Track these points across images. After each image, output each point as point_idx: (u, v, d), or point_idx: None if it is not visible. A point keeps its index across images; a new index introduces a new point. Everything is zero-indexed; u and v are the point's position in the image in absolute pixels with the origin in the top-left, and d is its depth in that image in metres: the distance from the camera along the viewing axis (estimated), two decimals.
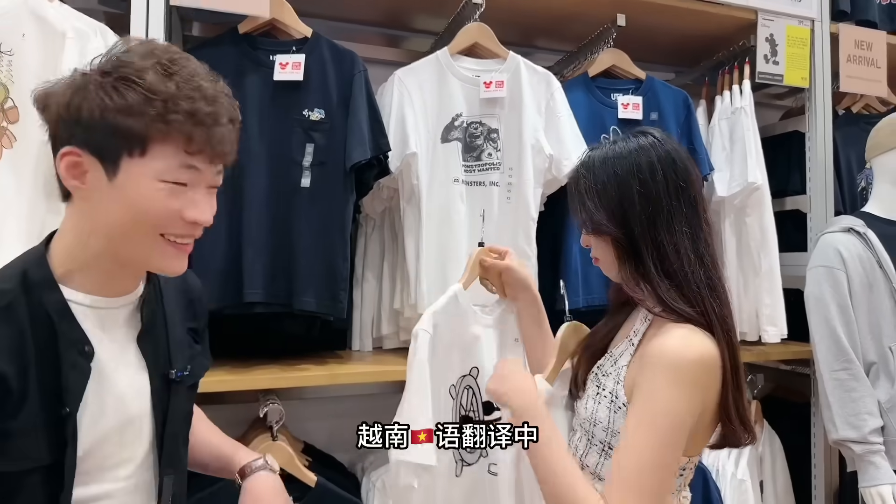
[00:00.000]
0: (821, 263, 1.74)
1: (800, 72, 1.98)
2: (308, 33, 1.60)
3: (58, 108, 0.78)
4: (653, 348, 0.98)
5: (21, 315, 0.78)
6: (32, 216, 1.35)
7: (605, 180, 1.04)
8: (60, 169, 0.79)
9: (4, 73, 1.35)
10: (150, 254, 0.83)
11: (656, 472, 0.96)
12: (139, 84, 0.76)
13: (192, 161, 0.80)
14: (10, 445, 0.75)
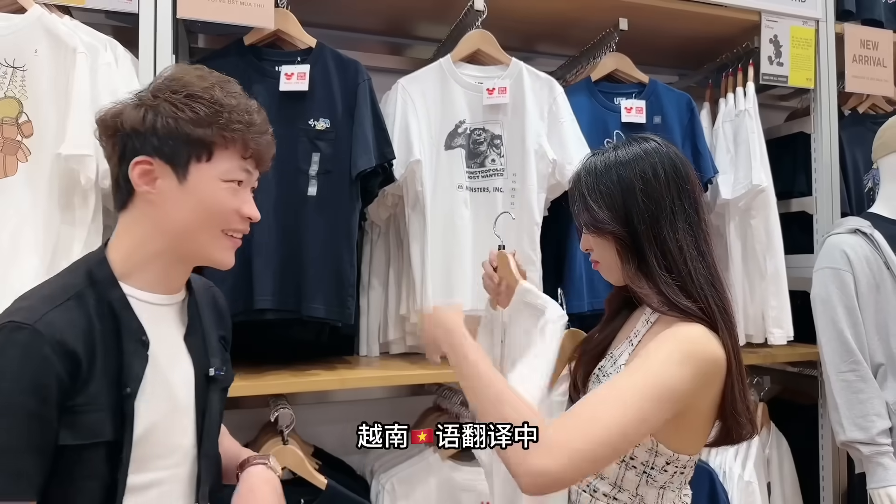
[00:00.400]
0: (827, 265, 1.73)
1: (804, 72, 1.98)
2: (312, 43, 1.62)
3: (132, 123, 0.89)
4: (665, 332, 0.99)
5: (89, 305, 0.87)
6: (48, 228, 1.38)
7: (607, 180, 1.06)
8: (133, 176, 0.90)
9: (18, 88, 1.39)
10: (211, 247, 0.95)
11: (615, 421, 0.91)
12: (207, 99, 0.90)
13: (246, 164, 0.94)
14: (78, 420, 0.83)
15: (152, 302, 0.94)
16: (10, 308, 0.86)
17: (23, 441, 0.79)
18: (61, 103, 1.39)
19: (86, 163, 1.36)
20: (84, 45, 1.39)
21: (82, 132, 1.35)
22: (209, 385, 1.00)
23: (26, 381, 0.79)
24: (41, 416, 0.80)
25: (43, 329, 0.81)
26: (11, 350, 0.80)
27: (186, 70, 0.94)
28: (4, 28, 1.39)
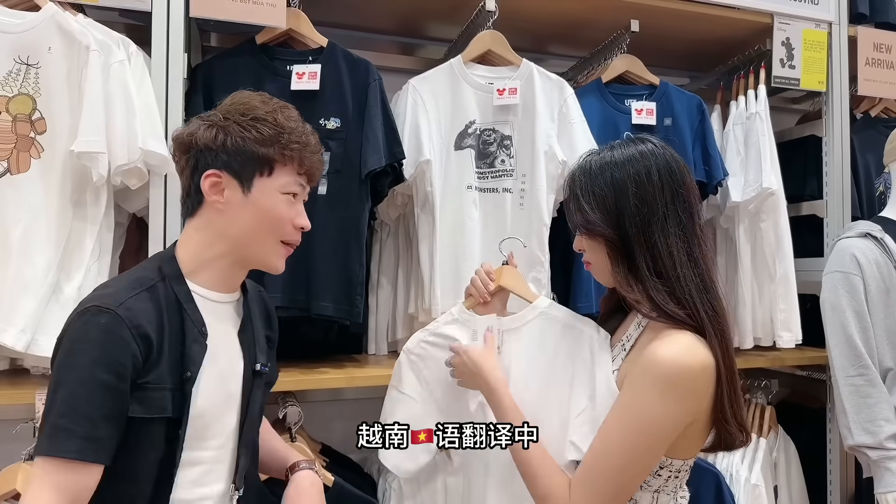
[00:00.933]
0: (837, 269, 1.72)
1: (817, 75, 1.97)
2: (324, 43, 1.63)
3: (205, 141, 1.02)
4: (648, 353, 1.00)
5: (160, 296, 0.99)
6: (61, 224, 1.39)
7: (601, 181, 1.07)
8: (205, 187, 1.02)
9: (32, 85, 1.40)
10: (268, 253, 1.07)
11: (622, 475, 1.00)
12: (271, 123, 1.03)
13: (301, 179, 1.07)
14: (146, 396, 0.95)
15: (212, 299, 1.05)
16: (94, 294, 0.98)
17: (99, 411, 0.89)
18: (74, 100, 1.40)
19: (98, 160, 1.36)
20: (97, 43, 1.40)
21: (94, 129, 1.36)
22: (255, 379, 1.10)
23: (106, 358, 0.90)
24: (117, 389, 0.91)
25: (122, 314, 0.92)
26: (94, 331, 0.91)
27: (251, 96, 1.06)
28: (18, 25, 1.40)
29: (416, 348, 1.29)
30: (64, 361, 0.92)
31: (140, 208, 1.55)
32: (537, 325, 1.21)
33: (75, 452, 0.88)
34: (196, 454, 1.01)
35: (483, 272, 1.27)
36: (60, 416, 0.89)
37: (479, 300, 1.26)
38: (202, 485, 1.03)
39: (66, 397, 0.89)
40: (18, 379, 1.51)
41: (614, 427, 1.00)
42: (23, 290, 1.35)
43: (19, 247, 1.36)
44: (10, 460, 1.38)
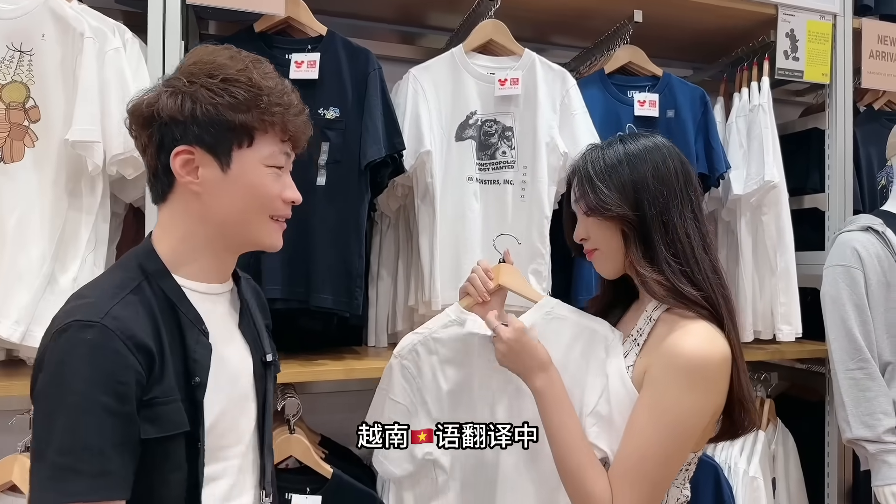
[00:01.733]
0: (838, 262, 1.72)
1: (820, 68, 1.95)
2: (323, 31, 1.60)
3: (170, 112, 0.86)
4: (669, 347, 1.00)
5: (149, 298, 0.86)
6: (56, 214, 1.38)
7: (617, 164, 1.06)
8: (175, 167, 0.87)
9: (25, 72, 1.38)
10: (260, 232, 0.93)
11: (660, 473, 1.00)
12: (245, 83, 0.87)
13: (285, 147, 0.92)
14: (157, 412, 0.82)
15: (204, 291, 0.93)
16: (68, 308, 0.83)
17: (106, 440, 0.76)
18: (69, 88, 1.38)
19: (93, 149, 1.35)
20: (91, 30, 1.38)
21: (89, 117, 1.35)
22: (266, 371, 1.01)
23: (102, 377, 0.77)
24: (121, 412, 0.78)
25: (111, 324, 0.79)
26: (81, 349, 0.77)
27: (216, 52, 0.90)
28: (11, 11, 1.37)
29: (409, 354, 1.22)
30: (51, 389, 0.77)
31: (136, 198, 1.54)
32: (545, 326, 1.16)
33: (87, 493, 0.74)
34: (218, 467, 0.90)
35: (481, 270, 1.20)
36: (61, 454, 0.75)
37: (477, 300, 1.20)
38: (231, 498, 0.92)
39: (64, 430, 0.75)
40: (14, 370, 1.50)
41: (645, 426, 0.99)
42: (17, 280, 1.33)
43: (13, 237, 1.34)
44: (5, 452, 1.38)
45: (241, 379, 0.96)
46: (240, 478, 0.95)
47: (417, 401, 1.21)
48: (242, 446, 0.96)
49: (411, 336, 1.24)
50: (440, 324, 1.22)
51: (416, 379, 1.21)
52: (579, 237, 1.12)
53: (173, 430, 0.83)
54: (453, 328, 1.21)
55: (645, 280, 1.05)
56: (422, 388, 1.21)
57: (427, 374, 1.21)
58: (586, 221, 1.10)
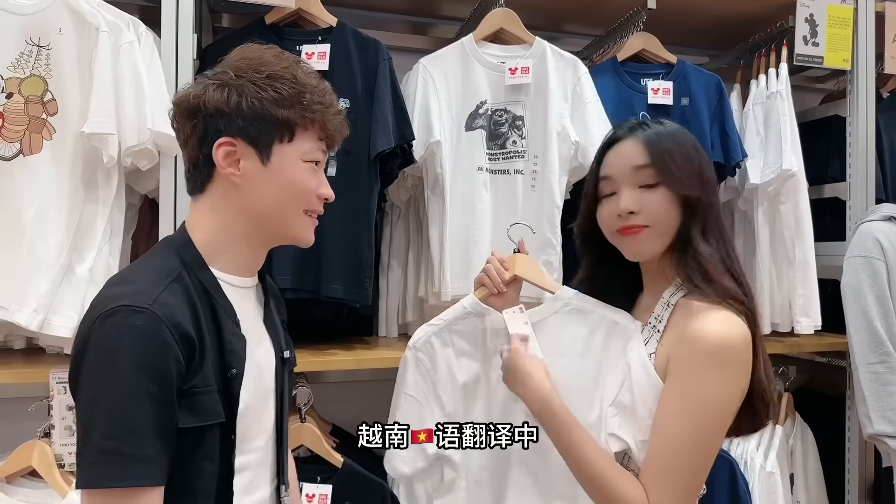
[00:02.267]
0: (859, 253, 1.70)
1: (841, 53, 1.91)
2: (333, 22, 1.61)
3: (216, 104, 0.88)
4: (692, 334, 0.98)
5: (190, 287, 0.87)
6: (73, 205, 1.41)
7: (683, 139, 1.07)
8: (218, 157, 0.89)
9: (43, 66, 1.41)
10: (295, 227, 0.96)
11: (698, 464, 0.98)
12: (290, 80, 0.90)
13: (322, 145, 0.95)
14: (195, 402, 0.83)
15: (237, 285, 0.95)
16: (112, 292, 0.83)
17: (149, 426, 0.77)
18: (85, 82, 1.40)
19: (108, 141, 1.37)
20: (107, 24, 1.40)
21: (104, 110, 1.37)
22: (284, 367, 1.02)
23: (148, 364, 0.78)
24: (164, 400, 0.79)
25: (159, 312, 0.80)
26: (130, 335, 0.78)
27: (262, 49, 0.93)
28: (29, 7, 1.40)
29: (424, 346, 1.21)
30: (96, 373, 0.78)
31: (151, 189, 1.56)
32: (564, 317, 1.15)
33: (136, 479, 0.76)
34: (243, 459, 0.91)
35: (496, 261, 1.19)
36: (107, 438, 0.76)
37: (492, 291, 1.18)
38: (249, 492, 0.93)
39: (109, 414, 0.76)
40: (34, 358, 1.54)
41: (676, 417, 0.97)
42: (35, 270, 1.36)
43: (32, 228, 1.37)
44: (25, 438, 1.41)
45: (265, 373, 0.98)
46: (259, 471, 0.96)
47: (430, 395, 1.20)
48: (263, 440, 0.97)
49: (426, 328, 1.22)
50: (455, 315, 1.21)
51: (430, 372, 1.20)
52: (628, 209, 1.04)
53: (210, 420, 0.84)
54: (470, 319, 1.20)
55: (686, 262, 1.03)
56: (436, 382, 1.20)
57: (442, 367, 1.20)
58: (642, 195, 1.04)
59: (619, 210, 1.04)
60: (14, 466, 1.39)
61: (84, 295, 1.39)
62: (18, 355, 1.58)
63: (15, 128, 1.39)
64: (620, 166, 1.06)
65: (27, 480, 1.42)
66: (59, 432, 1.39)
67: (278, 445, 1.01)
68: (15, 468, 1.39)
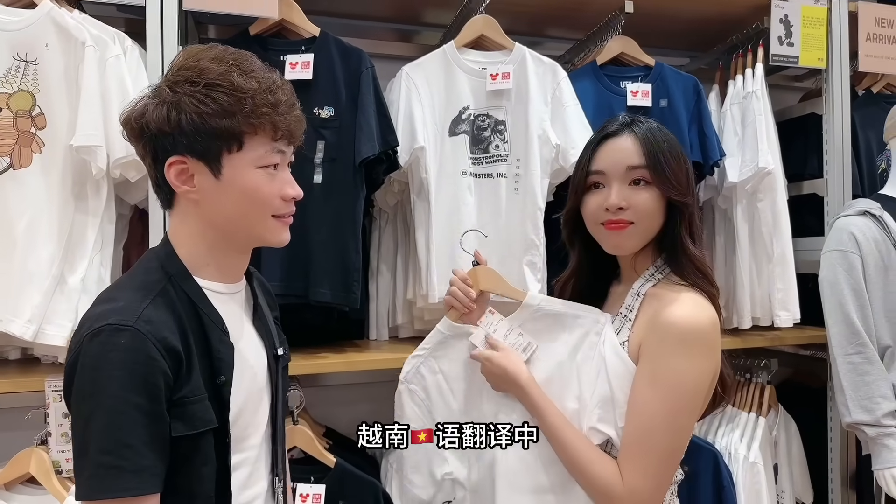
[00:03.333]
0: (835, 247, 1.72)
1: (816, 52, 1.94)
2: (316, 32, 1.64)
3: (158, 124, 0.87)
4: (663, 319, 1.02)
5: (174, 300, 0.89)
6: (63, 216, 1.43)
7: (674, 142, 1.11)
8: (170, 177, 0.89)
9: (31, 81, 1.43)
10: (264, 232, 0.95)
11: (671, 444, 1.02)
12: (227, 87, 0.86)
13: (278, 146, 0.92)
14: (186, 411, 0.85)
15: (222, 291, 0.96)
16: (99, 310, 0.85)
17: (141, 438, 0.80)
18: (72, 95, 1.43)
19: (96, 153, 1.40)
20: (92, 39, 1.42)
21: (92, 123, 1.40)
22: (277, 364, 1.05)
23: (136, 380, 0.80)
24: (154, 412, 0.82)
25: (143, 328, 0.82)
26: (116, 353, 0.80)
27: (201, 53, 0.90)
28: (16, 23, 1.43)
29: (414, 377, 1.22)
30: (87, 391, 0.81)
31: (141, 200, 1.58)
32: (535, 323, 1.16)
33: (131, 489, 0.79)
34: (240, 457, 0.95)
35: (459, 281, 1.20)
36: (102, 453, 0.79)
37: (462, 311, 1.20)
38: (248, 487, 0.97)
39: (102, 430, 0.80)
40: (30, 367, 1.56)
41: (650, 399, 1.00)
42: (28, 281, 1.39)
43: (24, 240, 1.40)
44: (22, 446, 1.44)
45: (257, 374, 1.00)
46: (256, 466, 0.99)
47: (429, 423, 1.20)
48: (259, 437, 1.00)
49: (412, 359, 1.24)
50: (435, 341, 1.22)
51: (425, 402, 1.21)
52: (617, 206, 1.06)
53: (202, 428, 0.86)
54: (449, 342, 1.21)
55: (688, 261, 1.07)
56: (432, 409, 1.21)
57: (434, 394, 1.21)
58: (632, 192, 1.07)
59: (607, 204, 1.07)
60: (13, 473, 1.42)
61: (76, 304, 1.42)
62: (14, 365, 1.60)
63: (5, 142, 1.42)
64: (613, 162, 1.08)
65: (25, 487, 1.45)
66: (55, 439, 1.42)
67: (273, 440, 1.04)
68: (13, 475, 1.42)
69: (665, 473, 1.03)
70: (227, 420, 0.91)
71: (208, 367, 0.89)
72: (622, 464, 1.01)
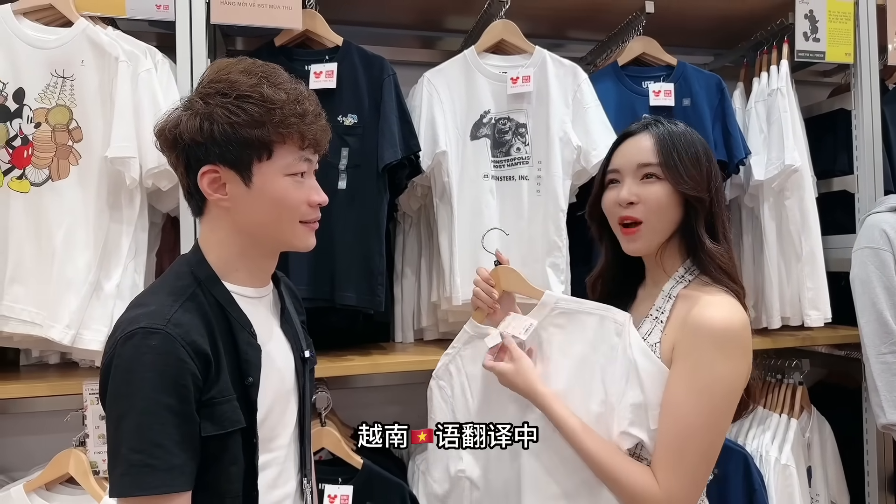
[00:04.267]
0: (866, 245, 1.69)
1: (843, 48, 1.91)
2: (339, 42, 1.67)
3: (191, 134, 0.91)
4: (697, 320, 1.02)
5: (204, 304, 0.93)
6: (99, 226, 1.48)
7: (694, 142, 1.11)
8: (203, 186, 0.93)
9: (68, 96, 1.49)
10: (292, 237, 0.98)
11: (708, 446, 1.01)
12: (257, 98, 0.91)
13: (305, 154, 0.96)
14: (215, 411, 0.89)
15: (250, 296, 1.00)
16: (131, 315, 0.89)
17: (172, 438, 0.83)
18: (107, 109, 1.48)
19: (129, 164, 1.44)
20: (125, 54, 1.48)
21: (125, 136, 1.45)
22: (304, 367, 1.08)
23: (166, 381, 0.84)
24: (184, 412, 0.85)
25: (174, 332, 0.86)
26: (148, 355, 0.84)
27: (231, 66, 0.94)
28: (54, 41, 1.49)
29: (444, 374, 1.27)
30: (120, 392, 0.85)
31: (172, 208, 1.63)
32: (553, 322, 1.17)
33: (161, 487, 0.82)
34: (268, 457, 0.98)
35: (482, 281, 1.23)
36: (134, 452, 0.82)
37: (487, 311, 1.23)
38: (277, 486, 1.00)
39: (134, 430, 0.83)
40: (68, 371, 1.62)
41: (685, 400, 1.00)
42: (66, 288, 1.44)
43: (62, 248, 1.45)
44: (62, 447, 1.49)
45: (285, 376, 1.03)
46: (285, 466, 1.02)
47: (451, 420, 1.23)
48: (287, 438, 1.03)
49: (444, 357, 1.28)
50: (462, 341, 1.26)
51: (450, 399, 1.25)
52: (627, 200, 1.10)
53: (231, 428, 0.89)
54: (473, 343, 1.24)
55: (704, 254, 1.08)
56: (455, 407, 1.24)
57: (458, 392, 1.24)
58: (642, 187, 1.09)
59: (618, 199, 1.11)
60: (53, 474, 1.47)
61: (112, 310, 1.46)
62: (54, 370, 1.66)
63: (44, 155, 1.48)
64: (627, 159, 1.13)
65: (65, 487, 1.50)
66: (93, 441, 1.47)
67: (301, 440, 1.07)
68: (53, 476, 1.47)
69: (701, 476, 1.02)
70: (254, 420, 0.93)
71: (236, 369, 0.92)
72: (658, 467, 1.01)
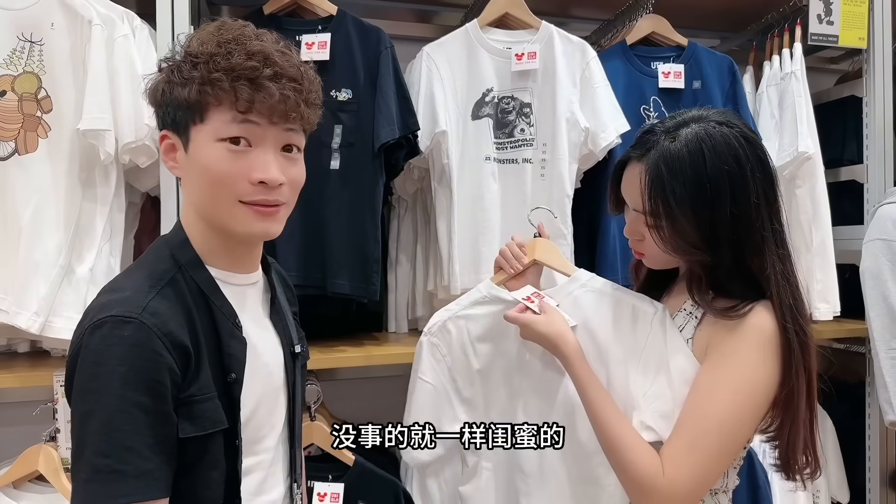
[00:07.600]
0: (877, 236, 1.66)
1: (857, 31, 1.86)
2: (333, 11, 1.58)
3: (152, 98, 0.86)
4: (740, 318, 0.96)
5: (184, 290, 0.83)
6: (70, 204, 1.38)
7: (695, 190, 0.94)
8: (162, 153, 0.87)
9: (36, 63, 1.38)
10: (230, 220, 0.84)
11: (722, 441, 0.94)
12: (193, 56, 0.81)
13: (247, 117, 0.81)
14: (194, 410, 0.80)
15: (237, 283, 0.90)
16: (103, 301, 0.79)
17: (144, 440, 0.74)
18: (79, 77, 1.37)
19: (104, 137, 1.34)
20: (100, 17, 1.37)
21: (99, 106, 1.34)
22: (295, 362, 0.98)
23: (139, 376, 0.75)
24: (159, 412, 0.76)
25: (149, 321, 0.76)
26: (118, 346, 0.75)
27: (202, 30, 0.84)
28: (21, 2, 1.37)
29: (438, 331, 1.22)
30: (87, 388, 0.75)
31: (152, 187, 1.53)
32: (581, 299, 1.13)
33: (132, 495, 0.73)
34: (253, 460, 0.89)
35: (514, 245, 1.20)
36: (100, 456, 0.72)
37: (510, 274, 1.18)
38: (262, 492, 0.91)
39: (101, 430, 0.73)
40: (38, 360, 1.53)
41: (710, 391, 0.94)
42: (35, 272, 1.34)
43: (30, 228, 1.35)
44: (31, 442, 1.40)
45: (273, 372, 0.94)
46: (272, 470, 0.93)
47: (446, 380, 1.21)
48: (274, 439, 0.94)
49: (441, 313, 1.23)
50: (471, 300, 1.21)
51: (445, 357, 1.21)
52: (632, 236, 1.05)
53: (211, 429, 0.81)
54: (485, 305, 1.20)
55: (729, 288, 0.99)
56: (451, 367, 1.21)
57: (457, 351, 1.20)
58: (645, 228, 1.00)
59: (625, 231, 1.08)
60: (21, 471, 1.38)
61: (85, 296, 1.37)
62: (23, 359, 1.56)
63: (10, 126, 1.36)
64: (627, 196, 1.05)
65: (34, 485, 1.41)
66: (64, 436, 1.38)
67: (291, 442, 0.98)
68: (21, 473, 1.38)
69: (709, 474, 0.95)
70: (237, 420, 0.84)
71: (218, 364, 0.83)
72: (667, 454, 0.94)
